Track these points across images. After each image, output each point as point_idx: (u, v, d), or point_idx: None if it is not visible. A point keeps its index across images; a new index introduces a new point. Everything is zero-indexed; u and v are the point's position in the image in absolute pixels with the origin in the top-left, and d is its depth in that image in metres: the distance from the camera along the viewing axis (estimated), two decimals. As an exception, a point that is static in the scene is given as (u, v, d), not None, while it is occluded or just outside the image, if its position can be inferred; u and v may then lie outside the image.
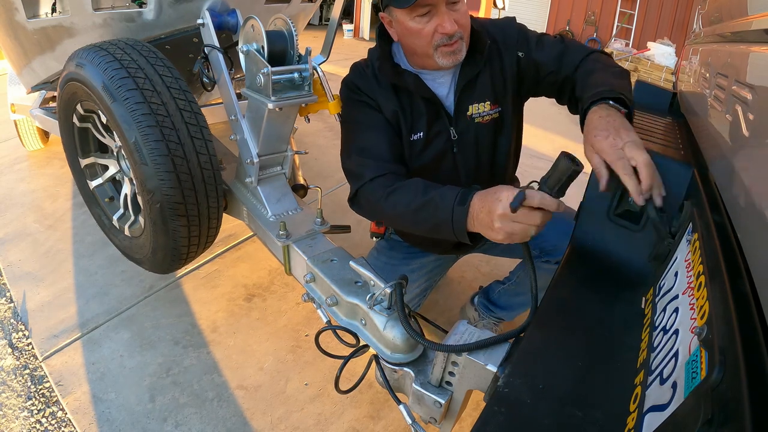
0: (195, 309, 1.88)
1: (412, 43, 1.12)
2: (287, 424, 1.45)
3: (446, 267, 1.64)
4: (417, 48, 1.13)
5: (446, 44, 1.09)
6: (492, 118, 1.24)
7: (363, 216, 1.27)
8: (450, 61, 1.11)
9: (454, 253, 1.56)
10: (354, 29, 11.01)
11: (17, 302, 1.90)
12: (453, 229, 0.95)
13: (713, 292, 0.53)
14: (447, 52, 1.10)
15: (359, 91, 1.21)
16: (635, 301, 0.81)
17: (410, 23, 1.07)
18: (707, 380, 0.42)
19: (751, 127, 0.60)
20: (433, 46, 1.09)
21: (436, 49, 1.09)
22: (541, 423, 0.59)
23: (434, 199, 0.98)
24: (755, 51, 0.70)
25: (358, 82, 1.22)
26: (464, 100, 1.21)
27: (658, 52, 6.25)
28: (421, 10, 1.05)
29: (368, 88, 1.20)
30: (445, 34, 1.06)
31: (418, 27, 1.07)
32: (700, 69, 1.26)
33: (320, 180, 2.89)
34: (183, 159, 1.31)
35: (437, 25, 1.06)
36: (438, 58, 1.11)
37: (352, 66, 1.27)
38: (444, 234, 0.98)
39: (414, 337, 0.88)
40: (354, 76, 1.25)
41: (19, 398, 1.52)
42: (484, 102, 1.23)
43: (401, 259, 1.51)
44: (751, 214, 0.55)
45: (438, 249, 1.51)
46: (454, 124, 1.22)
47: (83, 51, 1.39)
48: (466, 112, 1.22)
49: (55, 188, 2.76)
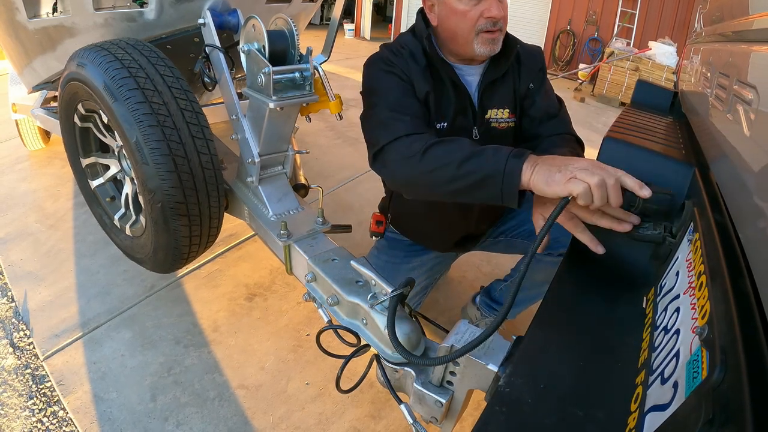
0: (196, 308, 1.88)
1: (455, 25, 1.13)
2: (288, 423, 1.45)
3: (446, 265, 1.64)
4: (458, 31, 1.13)
5: (489, 30, 1.11)
6: (508, 126, 1.26)
7: (383, 176, 1.15)
8: (488, 49, 1.13)
9: (455, 251, 1.57)
10: (355, 29, 11.02)
11: (18, 302, 1.90)
12: (503, 181, 0.86)
13: (714, 292, 0.53)
14: (487, 39, 1.12)
15: (393, 65, 1.17)
16: (636, 301, 0.81)
17: (457, 4, 1.09)
18: (708, 380, 0.42)
19: (752, 127, 0.60)
20: (475, 31, 1.11)
21: (478, 35, 1.11)
22: (542, 423, 0.59)
23: (486, 151, 0.91)
24: (757, 50, 0.70)
25: (393, 58, 1.19)
26: (485, 102, 1.23)
27: (659, 52, 6.24)
28: None
29: (403, 65, 1.18)
30: (491, 17, 1.08)
31: (465, 9, 1.09)
32: (701, 68, 1.26)
33: (321, 179, 2.89)
34: (184, 158, 1.31)
35: (484, 9, 1.08)
36: (477, 45, 1.12)
37: (381, 46, 1.25)
38: (486, 191, 0.90)
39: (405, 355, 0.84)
40: (387, 53, 1.21)
41: (20, 397, 1.52)
42: (503, 109, 1.25)
43: (402, 257, 1.51)
44: (752, 213, 0.55)
45: (440, 246, 1.51)
46: (477, 124, 1.23)
47: (84, 51, 1.40)
48: (485, 115, 1.24)
49: (57, 188, 2.77)
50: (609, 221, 0.85)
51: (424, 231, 1.49)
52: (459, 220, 1.40)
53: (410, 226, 1.50)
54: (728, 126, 0.75)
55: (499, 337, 0.82)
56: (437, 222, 1.41)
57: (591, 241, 0.88)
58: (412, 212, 1.44)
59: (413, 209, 1.41)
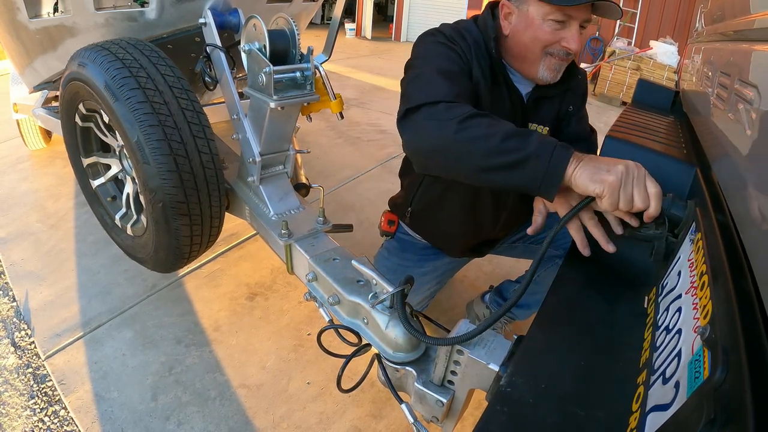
0: (197, 308, 1.88)
1: (528, 41, 1.08)
2: (289, 422, 1.45)
3: (456, 270, 1.62)
4: (529, 47, 1.09)
5: (560, 57, 1.08)
6: None
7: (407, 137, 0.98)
8: (550, 76, 1.11)
9: (469, 256, 1.53)
10: (356, 28, 11.02)
11: (20, 301, 1.90)
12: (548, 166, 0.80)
13: (716, 292, 0.53)
14: (554, 65, 1.09)
15: (455, 42, 1.10)
16: (638, 301, 0.81)
17: (541, 22, 1.04)
18: (710, 380, 0.42)
19: (753, 126, 0.60)
20: (545, 52, 1.07)
21: (546, 57, 1.08)
22: (543, 422, 0.59)
23: (534, 134, 0.85)
24: (758, 50, 0.70)
25: (455, 36, 1.11)
26: (529, 113, 1.22)
27: (660, 51, 6.23)
28: (561, 16, 1.02)
29: (465, 46, 1.11)
30: (566, 48, 1.06)
31: (547, 29, 1.04)
32: (702, 68, 1.26)
33: (322, 179, 2.89)
34: (185, 158, 1.31)
35: (564, 37, 1.05)
36: (542, 68, 1.10)
37: (442, 24, 1.17)
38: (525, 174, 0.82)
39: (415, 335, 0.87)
40: (450, 30, 1.13)
41: (21, 397, 1.52)
42: (544, 126, 1.24)
43: (415, 261, 1.47)
44: (754, 213, 0.55)
45: (457, 250, 1.46)
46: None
47: (85, 50, 1.40)
48: (527, 126, 1.22)
49: (58, 188, 2.77)
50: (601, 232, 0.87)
51: (446, 232, 1.41)
52: (488, 221, 1.35)
53: (431, 226, 1.43)
54: (729, 125, 0.75)
55: (501, 337, 0.82)
56: (465, 223, 1.35)
57: (581, 242, 0.89)
58: (439, 210, 1.36)
59: (441, 206, 1.35)
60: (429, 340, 0.83)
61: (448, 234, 1.41)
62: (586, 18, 1.04)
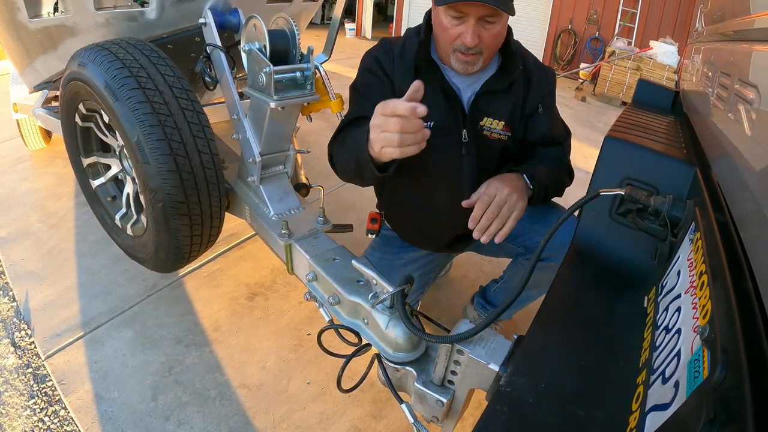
0: (197, 308, 1.88)
1: (439, 35, 1.17)
2: (289, 422, 1.45)
3: (440, 264, 1.62)
4: (440, 42, 1.18)
5: (462, 52, 1.13)
6: (500, 138, 1.27)
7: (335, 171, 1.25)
8: (461, 68, 1.17)
9: (446, 251, 1.56)
10: (356, 28, 11.01)
11: (20, 301, 1.90)
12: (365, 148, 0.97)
13: (716, 292, 0.53)
14: (461, 60, 1.15)
15: (379, 63, 1.24)
16: (637, 300, 0.81)
17: (443, 19, 1.12)
18: (709, 380, 0.42)
19: (753, 126, 0.60)
20: (452, 48, 1.14)
21: (453, 52, 1.15)
22: (543, 422, 0.59)
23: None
24: (758, 50, 0.70)
25: (381, 56, 1.25)
26: (480, 109, 1.24)
27: (660, 51, 6.23)
28: (455, 12, 1.08)
29: (388, 63, 1.23)
30: (463, 42, 1.10)
31: (447, 25, 1.11)
32: (702, 68, 1.26)
33: (322, 179, 2.87)
34: (185, 158, 1.31)
35: (460, 33, 1.10)
36: (453, 62, 1.17)
37: (380, 40, 1.30)
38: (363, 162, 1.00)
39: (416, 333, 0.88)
40: (378, 50, 1.27)
41: (21, 397, 1.52)
42: (499, 120, 1.26)
43: (394, 253, 1.51)
44: (753, 213, 0.55)
45: (431, 246, 1.50)
46: (467, 127, 1.23)
47: (85, 50, 1.40)
48: (479, 121, 1.25)
49: (58, 187, 2.77)
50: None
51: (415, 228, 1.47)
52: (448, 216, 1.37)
53: (400, 224, 1.50)
54: (729, 125, 0.75)
55: (500, 337, 0.82)
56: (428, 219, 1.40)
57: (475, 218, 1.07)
58: (404, 208, 1.43)
59: (404, 205, 1.41)
60: (430, 338, 0.84)
61: (417, 230, 1.46)
62: (481, 13, 1.06)
